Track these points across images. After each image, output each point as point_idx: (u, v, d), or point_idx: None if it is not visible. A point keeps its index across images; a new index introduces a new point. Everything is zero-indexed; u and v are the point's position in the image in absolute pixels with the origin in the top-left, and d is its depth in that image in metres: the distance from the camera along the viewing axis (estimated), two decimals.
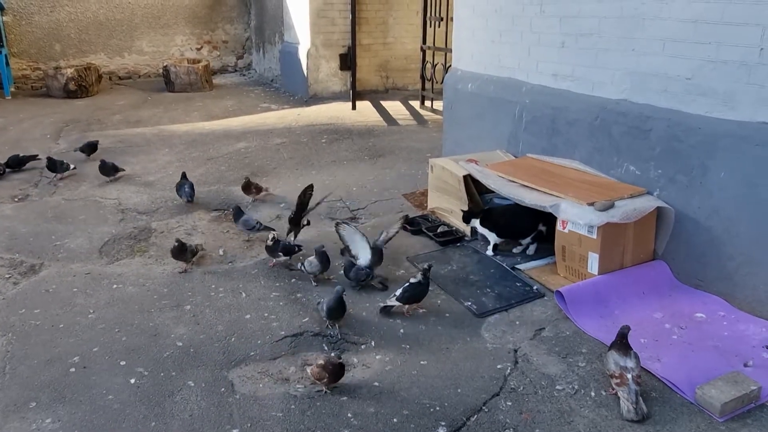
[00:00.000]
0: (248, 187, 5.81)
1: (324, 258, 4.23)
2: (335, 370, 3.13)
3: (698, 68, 3.82)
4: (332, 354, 3.32)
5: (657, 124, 4.07)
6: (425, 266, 3.96)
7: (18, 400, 3.14)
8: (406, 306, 3.87)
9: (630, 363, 3.03)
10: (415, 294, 3.84)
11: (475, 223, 4.71)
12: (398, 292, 3.85)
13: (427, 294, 3.90)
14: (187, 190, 5.85)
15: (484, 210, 4.72)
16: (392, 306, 3.88)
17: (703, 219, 3.87)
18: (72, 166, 6.65)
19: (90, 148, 7.29)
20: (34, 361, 3.47)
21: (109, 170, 6.49)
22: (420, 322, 3.80)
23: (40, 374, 3.35)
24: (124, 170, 6.63)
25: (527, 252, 4.62)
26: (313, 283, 4.25)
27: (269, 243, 4.47)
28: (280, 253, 4.47)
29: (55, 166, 6.51)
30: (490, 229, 4.61)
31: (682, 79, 3.92)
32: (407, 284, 3.86)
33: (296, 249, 4.51)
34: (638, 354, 3.10)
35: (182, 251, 4.48)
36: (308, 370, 3.24)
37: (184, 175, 6.05)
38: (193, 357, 3.49)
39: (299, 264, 4.27)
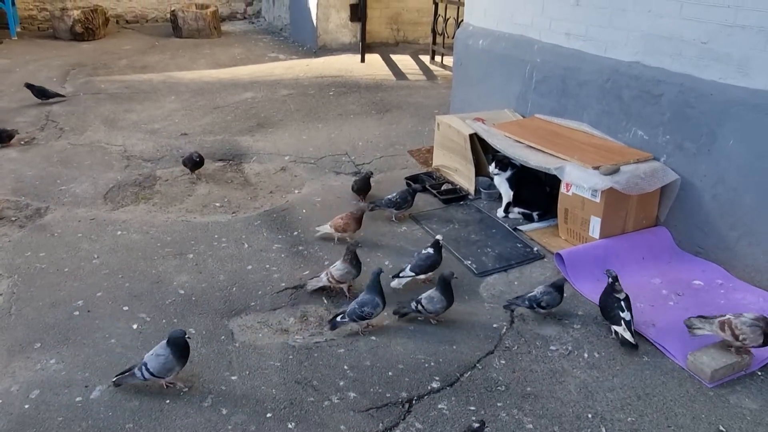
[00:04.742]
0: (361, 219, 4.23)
1: (448, 288, 3.37)
2: None
3: (714, 32, 3.72)
4: None
5: (669, 89, 4.00)
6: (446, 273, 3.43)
7: (23, 341, 3.22)
8: (422, 276, 3.70)
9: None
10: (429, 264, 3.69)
11: (501, 175, 4.51)
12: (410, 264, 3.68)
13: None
14: None
15: (518, 166, 4.48)
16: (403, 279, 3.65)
17: (708, 187, 3.84)
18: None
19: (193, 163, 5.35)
20: (39, 303, 3.54)
21: None
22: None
23: (44, 316, 3.42)
24: None
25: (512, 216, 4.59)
26: (433, 321, 3.42)
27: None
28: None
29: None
30: (510, 187, 4.51)
31: (698, 43, 3.83)
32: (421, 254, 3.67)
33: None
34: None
35: None
36: None
37: None
38: (195, 305, 3.55)
39: (413, 302, 3.40)
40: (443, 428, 2.72)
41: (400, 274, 3.71)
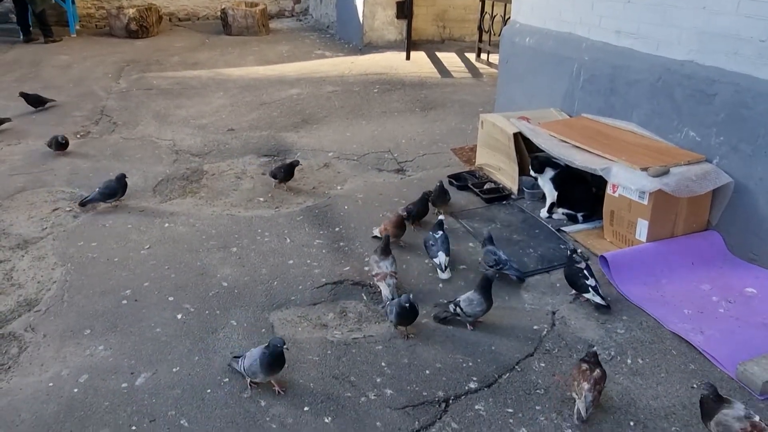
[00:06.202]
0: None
1: (488, 290, 3.30)
2: None
3: None
4: None
5: (723, 89, 3.86)
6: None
7: (74, 327, 3.34)
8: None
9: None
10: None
11: (545, 175, 4.46)
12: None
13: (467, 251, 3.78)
14: None
15: (562, 167, 4.42)
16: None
17: (763, 191, 3.69)
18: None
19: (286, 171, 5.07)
20: (90, 291, 3.66)
21: None
22: (459, 279, 3.82)
23: (95, 304, 3.54)
24: None
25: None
26: (470, 328, 3.38)
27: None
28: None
29: None
30: (554, 187, 4.43)
31: (755, 41, 3.68)
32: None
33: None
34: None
35: None
36: None
37: None
38: (237, 297, 3.62)
39: (451, 305, 3.37)
40: (479, 429, 2.70)
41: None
